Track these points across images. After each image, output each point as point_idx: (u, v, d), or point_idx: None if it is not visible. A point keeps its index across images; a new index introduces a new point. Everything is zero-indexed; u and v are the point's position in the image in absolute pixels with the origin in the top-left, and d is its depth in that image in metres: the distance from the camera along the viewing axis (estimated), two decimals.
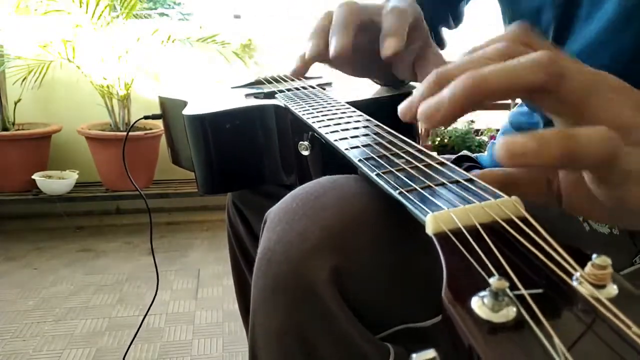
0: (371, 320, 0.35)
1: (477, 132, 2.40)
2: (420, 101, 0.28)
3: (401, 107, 0.30)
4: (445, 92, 0.26)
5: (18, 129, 2.01)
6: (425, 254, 0.35)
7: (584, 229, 0.43)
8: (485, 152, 0.71)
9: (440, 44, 0.74)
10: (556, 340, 0.15)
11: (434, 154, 0.36)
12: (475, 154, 0.69)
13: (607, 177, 0.26)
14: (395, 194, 0.30)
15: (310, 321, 0.34)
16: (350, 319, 0.34)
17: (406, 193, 0.29)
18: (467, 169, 0.33)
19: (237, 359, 1.32)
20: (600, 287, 0.18)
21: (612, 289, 0.18)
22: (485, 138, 2.36)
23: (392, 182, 0.31)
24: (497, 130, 2.17)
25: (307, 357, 0.35)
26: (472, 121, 2.38)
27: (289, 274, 0.34)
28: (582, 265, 0.19)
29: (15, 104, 2.01)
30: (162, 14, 2.56)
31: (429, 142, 2.27)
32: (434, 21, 0.72)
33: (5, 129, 1.98)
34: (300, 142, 0.52)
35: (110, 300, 1.58)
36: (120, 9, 1.96)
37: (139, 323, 1.18)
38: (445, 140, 2.29)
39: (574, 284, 0.19)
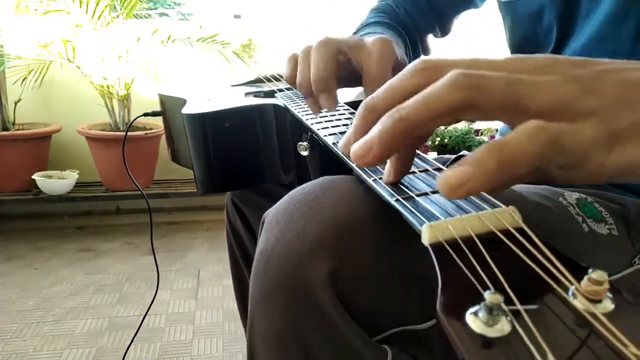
0: (368, 322, 0.35)
1: (477, 132, 2.39)
2: (355, 138, 0.28)
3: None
4: (374, 133, 0.27)
5: (18, 129, 2.01)
6: (423, 257, 0.34)
7: (583, 230, 0.43)
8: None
9: (425, 51, 0.77)
10: (550, 356, 0.15)
11: (432, 157, 0.36)
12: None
13: (563, 164, 0.25)
14: (392, 201, 0.30)
15: (308, 323, 0.34)
16: (348, 321, 0.34)
17: (403, 201, 0.29)
18: None
19: (237, 359, 1.31)
20: (596, 301, 0.18)
21: (609, 304, 0.18)
22: (485, 138, 2.36)
23: (389, 189, 0.31)
24: (497, 130, 2.16)
25: (305, 358, 0.35)
26: (472, 121, 2.38)
27: (287, 276, 0.34)
28: (579, 278, 0.19)
29: (15, 104, 2.01)
30: (162, 14, 2.56)
31: (429, 142, 2.26)
32: (421, 29, 0.74)
33: (6, 129, 1.98)
34: (300, 143, 0.51)
35: (110, 300, 1.58)
36: (120, 9, 1.95)
37: (139, 323, 1.18)
38: (446, 140, 2.29)
39: (570, 298, 0.18)
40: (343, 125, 0.46)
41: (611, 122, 0.25)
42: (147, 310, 1.12)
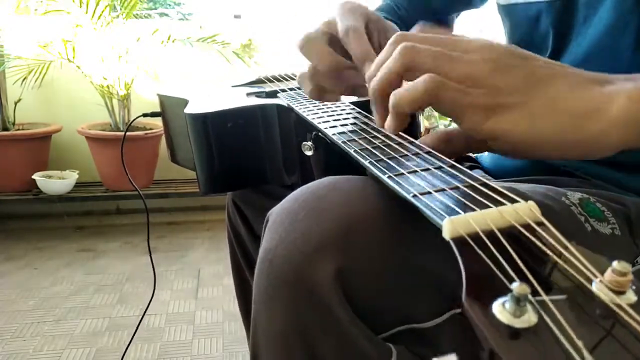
0: (373, 320, 0.35)
1: None
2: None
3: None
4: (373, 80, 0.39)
5: (18, 129, 2.01)
6: (429, 255, 0.35)
7: (586, 230, 0.43)
8: (485, 152, 0.71)
9: None
10: (579, 343, 0.16)
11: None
12: (475, 154, 0.70)
13: (444, 113, 0.35)
14: (409, 197, 0.30)
15: (312, 322, 0.34)
16: (353, 319, 0.34)
17: (420, 197, 0.29)
18: (468, 169, 0.33)
19: (237, 359, 1.31)
20: (620, 293, 0.18)
21: (632, 295, 0.18)
22: None
23: (406, 185, 0.31)
24: None
25: (309, 358, 0.35)
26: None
27: (291, 275, 0.34)
28: (600, 271, 0.19)
29: (16, 104, 2.00)
30: (162, 14, 2.56)
31: None
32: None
33: (6, 129, 1.97)
34: (304, 143, 0.51)
35: (110, 300, 1.58)
36: (120, 9, 1.95)
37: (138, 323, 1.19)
38: None
39: (594, 289, 0.19)
40: (351, 124, 0.46)
41: (496, 96, 0.33)
42: (145, 310, 1.12)
